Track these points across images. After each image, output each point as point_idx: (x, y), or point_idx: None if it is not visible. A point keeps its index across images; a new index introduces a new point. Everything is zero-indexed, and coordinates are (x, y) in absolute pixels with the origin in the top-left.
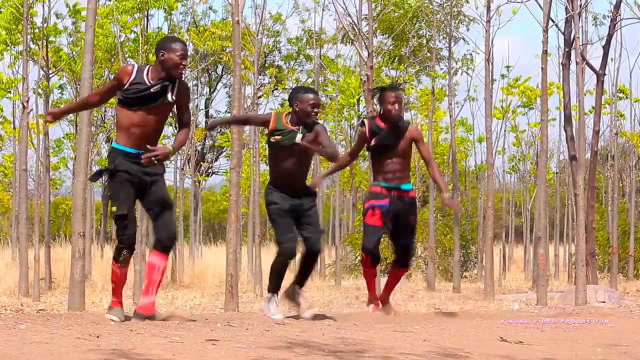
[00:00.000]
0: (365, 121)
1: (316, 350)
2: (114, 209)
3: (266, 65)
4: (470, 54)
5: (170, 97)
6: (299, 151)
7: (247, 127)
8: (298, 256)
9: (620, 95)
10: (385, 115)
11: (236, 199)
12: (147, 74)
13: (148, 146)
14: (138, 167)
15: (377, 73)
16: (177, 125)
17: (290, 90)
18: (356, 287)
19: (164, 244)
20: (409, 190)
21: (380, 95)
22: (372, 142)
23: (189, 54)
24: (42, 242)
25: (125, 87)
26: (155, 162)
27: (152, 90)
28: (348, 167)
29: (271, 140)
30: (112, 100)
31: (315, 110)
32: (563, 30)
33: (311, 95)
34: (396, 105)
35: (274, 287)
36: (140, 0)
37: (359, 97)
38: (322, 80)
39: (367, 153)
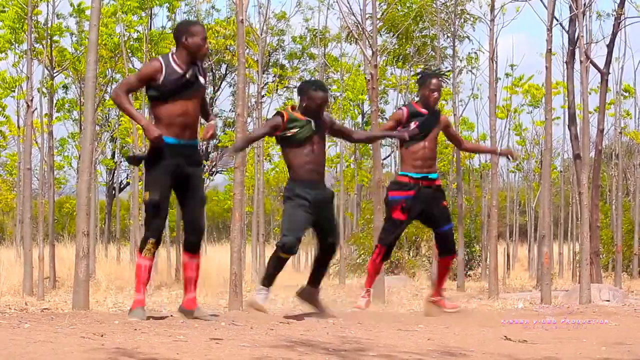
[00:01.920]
0: (403, 107)
1: (320, 349)
2: (147, 195)
3: (270, 64)
4: (475, 53)
5: (202, 80)
6: (317, 141)
7: (251, 127)
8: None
9: (625, 94)
10: (424, 101)
11: (240, 198)
12: (175, 62)
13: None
14: (180, 159)
15: (381, 72)
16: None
17: (302, 82)
18: (360, 285)
19: (193, 244)
20: (436, 178)
21: (422, 80)
22: (412, 126)
23: None
24: (46, 241)
25: (161, 82)
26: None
27: (187, 77)
28: (352, 167)
29: (287, 135)
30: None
31: (324, 107)
32: (567, 29)
33: (321, 94)
34: (436, 93)
35: (268, 282)
36: None
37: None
38: (326, 78)
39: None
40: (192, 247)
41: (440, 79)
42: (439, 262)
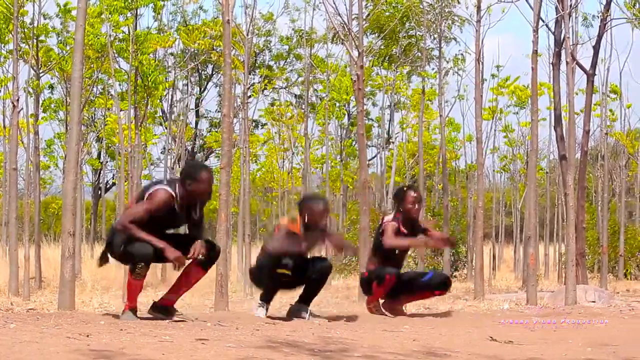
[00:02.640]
0: (394, 222)
1: (305, 350)
2: (121, 247)
3: (256, 64)
4: (462, 54)
5: (194, 216)
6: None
7: (237, 128)
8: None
9: (614, 96)
10: (405, 215)
11: (226, 199)
12: (177, 200)
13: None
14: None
15: (367, 73)
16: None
17: (299, 201)
18: (346, 286)
19: (211, 260)
20: None
21: (399, 194)
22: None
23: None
24: (32, 241)
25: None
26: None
27: (180, 217)
28: (338, 168)
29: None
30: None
31: (325, 218)
32: (553, 30)
33: (321, 205)
34: (416, 205)
35: (268, 297)
36: None
37: (351, 98)
38: (313, 79)
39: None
40: (205, 264)
41: (417, 191)
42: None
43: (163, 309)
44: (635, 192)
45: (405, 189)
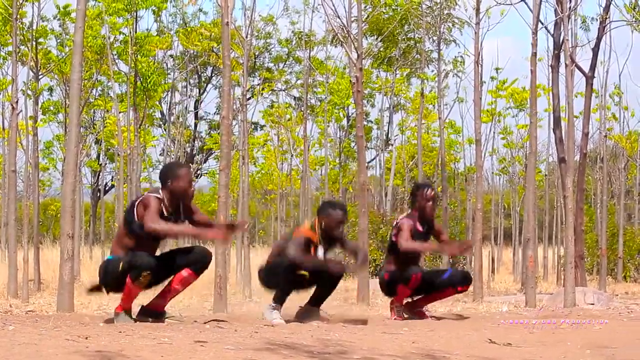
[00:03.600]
0: (410, 220)
1: (303, 352)
2: (119, 268)
3: (256, 66)
4: (461, 56)
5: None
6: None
7: (236, 130)
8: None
9: (617, 99)
10: (421, 212)
11: (225, 201)
12: (164, 204)
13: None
14: None
15: (367, 75)
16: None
17: (320, 207)
18: (345, 289)
19: (203, 266)
20: None
21: (415, 191)
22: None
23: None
24: (31, 243)
25: None
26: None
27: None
28: (337, 169)
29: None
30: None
31: (343, 226)
32: (552, 33)
33: (340, 212)
34: (431, 203)
35: (282, 300)
36: (129, 1)
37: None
38: (312, 81)
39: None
40: (196, 269)
41: (432, 189)
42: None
43: (152, 313)
44: (634, 195)
45: (421, 186)
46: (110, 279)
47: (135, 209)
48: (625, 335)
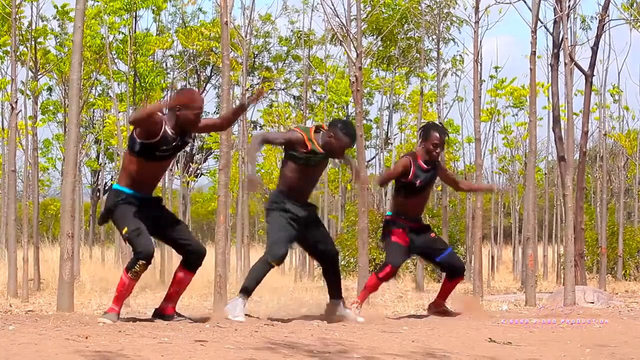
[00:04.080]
0: (408, 156)
1: (303, 351)
2: (124, 229)
3: (255, 66)
4: (460, 55)
5: (188, 140)
6: (320, 169)
7: (236, 130)
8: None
9: (617, 97)
10: (427, 154)
11: (225, 200)
12: (169, 125)
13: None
14: (143, 208)
15: (366, 74)
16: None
17: (336, 120)
18: (345, 287)
19: (195, 264)
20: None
21: (425, 132)
22: (417, 183)
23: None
24: (30, 243)
25: (157, 140)
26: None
27: (176, 144)
28: (336, 168)
29: (299, 155)
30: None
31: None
32: (552, 31)
33: (348, 140)
34: (439, 149)
35: (248, 291)
36: (128, 0)
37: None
38: (311, 80)
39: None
40: (191, 266)
41: (443, 134)
42: (445, 282)
43: (164, 317)
44: (634, 193)
45: (432, 127)
46: (105, 212)
47: (135, 130)
48: (625, 334)
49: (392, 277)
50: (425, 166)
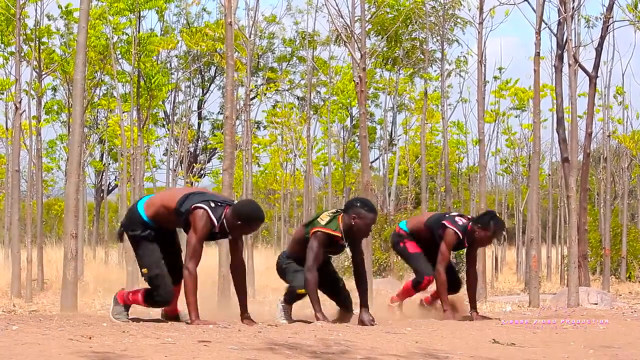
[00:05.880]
0: (460, 233)
1: (306, 352)
2: (145, 270)
3: (259, 66)
4: (464, 56)
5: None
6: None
7: (239, 130)
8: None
9: (620, 98)
10: (477, 239)
11: None
12: (220, 222)
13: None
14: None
15: (370, 75)
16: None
17: (349, 202)
18: (349, 288)
19: (177, 282)
20: None
21: (486, 221)
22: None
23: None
24: (34, 243)
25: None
26: None
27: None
28: (340, 169)
29: (336, 249)
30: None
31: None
32: (556, 33)
33: (373, 215)
34: (487, 243)
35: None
36: (132, 1)
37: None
38: (315, 81)
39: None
40: (176, 282)
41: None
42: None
43: (169, 317)
44: (637, 194)
45: (494, 223)
46: (129, 237)
47: (192, 213)
48: (629, 335)
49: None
50: (466, 243)
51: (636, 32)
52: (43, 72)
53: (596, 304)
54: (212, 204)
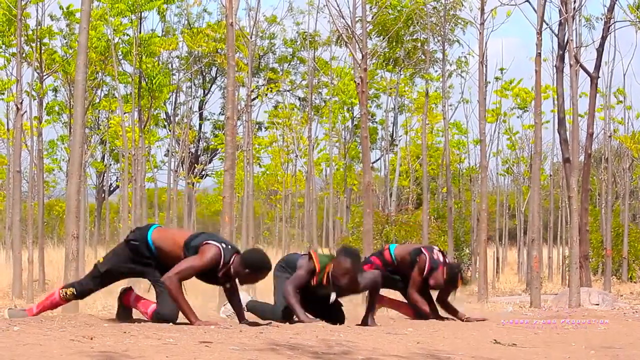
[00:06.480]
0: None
1: (308, 353)
2: (100, 259)
3: (260, 67)
4: (465, 57)
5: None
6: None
7: (241, 130)
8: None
9: (620, 98)
10: (440, 285)
11: (230, 201)
12: (227, 267)
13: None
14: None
15: (371, 75)
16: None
17: (343, 248)
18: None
19: (159, 318)
20: None
21: (455, 275)
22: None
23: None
24: (35, 244)
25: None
26: None
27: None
28: (342, 170)
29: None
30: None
31: (347, 277)
32: (557, 33)
33: (348, 260)
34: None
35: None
36: (133, 2)
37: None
38: (317, 82)
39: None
40: (157, 318)
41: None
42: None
43: (127, 309)
44: (639, 195)
45: (457, 271)
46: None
47: (203, 245)
48: (630, 336)
49: None
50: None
51: (637, 32)
52: (44, 73)
53: (597, 304)
54: (224, 245)
